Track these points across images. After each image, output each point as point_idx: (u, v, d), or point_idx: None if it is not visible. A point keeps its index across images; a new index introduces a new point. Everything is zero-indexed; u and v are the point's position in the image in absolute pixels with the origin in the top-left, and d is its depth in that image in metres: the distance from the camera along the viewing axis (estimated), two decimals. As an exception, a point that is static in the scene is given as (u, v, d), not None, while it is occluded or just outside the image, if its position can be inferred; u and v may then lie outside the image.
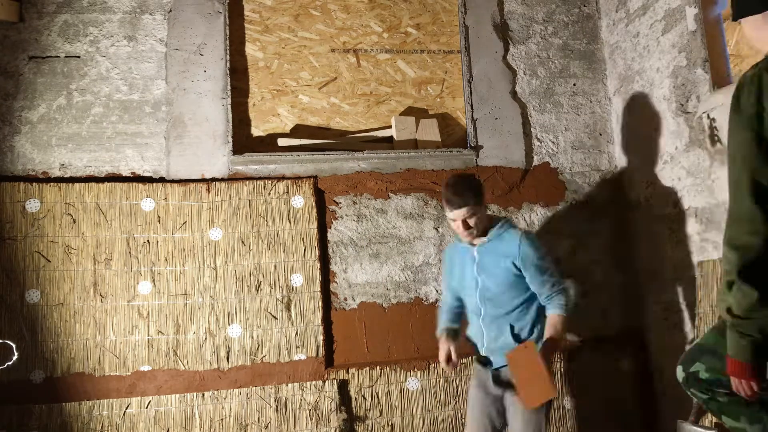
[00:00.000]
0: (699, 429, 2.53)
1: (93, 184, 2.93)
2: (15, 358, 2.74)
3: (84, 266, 2.87)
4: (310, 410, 2.93)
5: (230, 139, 3.08)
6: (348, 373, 2.99)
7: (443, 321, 2.67)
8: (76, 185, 2.91)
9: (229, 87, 3.12)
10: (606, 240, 3.36)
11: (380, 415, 2.99)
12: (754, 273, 1.40)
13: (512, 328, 2.47)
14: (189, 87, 3.09)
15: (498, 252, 2.48)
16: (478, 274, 2.51)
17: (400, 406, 3.02)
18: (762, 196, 1.39)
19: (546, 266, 2.47)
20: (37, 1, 3.01)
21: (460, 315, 2.68)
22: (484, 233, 2.50)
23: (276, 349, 2.98)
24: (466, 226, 2.44)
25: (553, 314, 2.43)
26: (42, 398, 2.75)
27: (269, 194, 3.06)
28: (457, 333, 2.60)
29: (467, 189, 2.43)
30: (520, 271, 2.46)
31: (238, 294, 2.97)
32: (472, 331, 2.60)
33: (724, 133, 2.63)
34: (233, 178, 3.07)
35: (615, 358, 3.23)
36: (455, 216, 2.44)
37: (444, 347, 2.51)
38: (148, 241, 2.94)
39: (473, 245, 2.53)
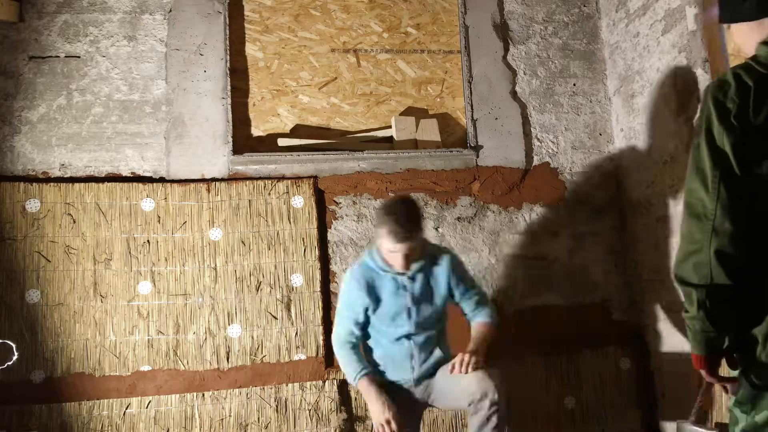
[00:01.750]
0: (699, 429, 2.53)
1: (93, 184, 2.93)
2: (15, 358, 2.74)
3: (84, 266, 2.87)
4: (310, 410, 2.93)
5: (230, 139, 3.08)
6: (348, 373, 2.99)
7: (362, 363, 2.39)
8: (76, 185, 2.91)
9: (229, 87, 3.12)
10: (606, 240, 3.36)
11: (380, 415, 2.98)
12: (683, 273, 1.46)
13: (439, 346, 2.48)
14: (189, 87, 3.09)
15: (432, 276, 2.43)
16: (413, 304, 2.39)
17: (400, 406, 3.02)
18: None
19: (473, 280, 2.54)
20: (37, 1, 3.01)
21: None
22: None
23: (276, 349, 2.98)
24: (408, 258, 2.32)
25: (482, 322, 2.47)
26: (42, 398, 2.75)
27: (269, 194, 3.06)
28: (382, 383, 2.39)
29: (414, 218, 2.31)
30: (451, 291, 2.46)
31: (238, 294, 2.97)
32: (392, 358, 2.44)
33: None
34: (233, 178, 3.07)
35: (615, 358, 3.23)
36: (399, 249, 2.27)
37: (386, 409, 2.25)
38: (148, 241, 2.94)
39: (400, 273, 2.38)
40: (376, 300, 2.40)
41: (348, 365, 2.41)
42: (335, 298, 3.07)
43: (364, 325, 2.46)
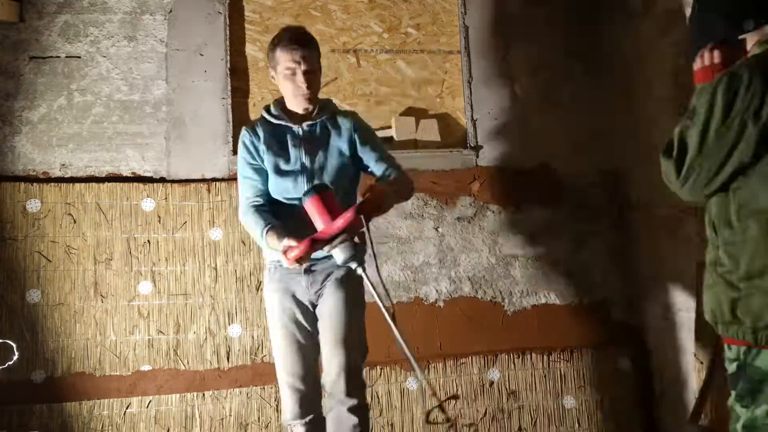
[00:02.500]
0: (699, 429, 2.53)
1: (93, 184, 2.93)
2: (15, 358, 2.74)
3: (84, 266, 2.87)
4: (310, 410, 2.93)
5: (231, 140, 3.08)
6: (348, 372, 2.99)
7: (267, 217, 2.13)
8: (77, 185, 2.92)
9: (229, 87, 3.12)
10: (606, 240, 3.36)
11: (380, 415, 2.99)
12: None
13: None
14: (189, 87, 3.10)
15: (329, 130, 2.23)
16: (306, 156, 2.18)
17: (400, 406, 3.02)
18: None
19: (381, 145, 2.34)
20: (37, 1, 3.01)
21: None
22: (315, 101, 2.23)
23: (276, 349, 2.97)
24: (309, 78, 2.12)
25: (395, 177, 2.22)
26: (42, 398, 2.75)
27: (269, 194, 3.06)
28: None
29: (310, 35, 2.19)
30: (353, 156, 2.25)
31: (239, 294, 2.98)
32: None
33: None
34: (234, 178, 3.06)
35: (615, 358, 3.24)
36: (299, 58, 2.09)
37: (285, 239, 1.97)
38: (148, 241, 2.94)
39: (293, 121, 2.20)
40: (266, 153, 2.21)
41: (254, 225, 2.13)
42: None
43: (267, 188, 2.23)
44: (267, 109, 2.30)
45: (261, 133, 2.24)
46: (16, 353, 2.74)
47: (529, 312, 3.23)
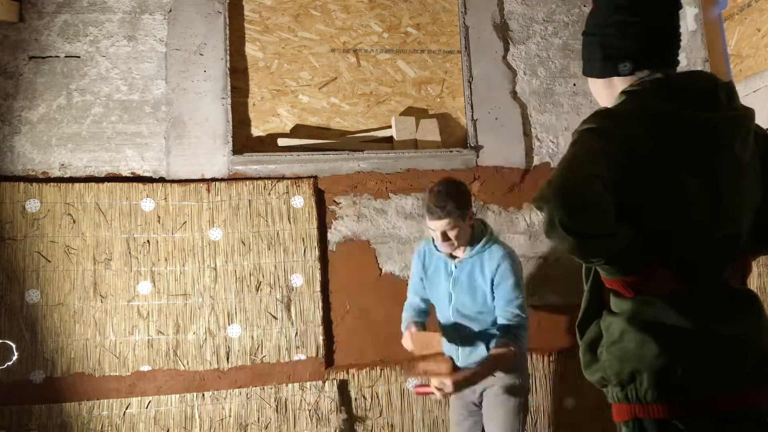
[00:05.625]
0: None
1: (93, 184, 2.93)
2: (15, 358, 2.74)
3: (84, 266, 2.87)
4: (310, 410, 2.93)
5: (230, 139, 3.08)
6: (348, 373, 2.99)
7: (408, 317, 2.57)
8: (76, 185, 2.91)
9: (229, 87, 3.12)
10: (606, 240, 3.36)
11: (380, 415, 2.99)
12: None
13: (484, 343, 2.41)
14: (189, 87, 3.09)
15: (477, 269, 2.38)
16: (452, 290, 2.42)
17: (400, 406, 3.02)
18: None
19: (517, 291, 2.35)
20: (37, 1, 3.00)
21: (426, 313, 2.59)
22: (466, 245, 2.39)
23: (276, 349, 2.98)
24: (446, 238, 2.32)
25: (504, 342, 2.27)
26: (42, 398, 2.75)
27: (269, 194, 3.06)
28: (424, 326, 2.53)
29: (451, 198, 2.28)
30: (492, 291, 2.37)
31: (238, 294, 2.97)
32: (445, 346, 2.43)
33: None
34: (233, 178, 3.07)
35: (615, 358, 3.23)
36: (434, 227, 2.31)
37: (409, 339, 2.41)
38: (148, 241, 2.94)
39: (451, 257, 2.43)
40: (426, 272, 2.54)
41: (402, 322, 2.56)
42: (335, 298, 3.08)
43: (427, 299, 2.59)
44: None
45: (429, 254, 2.53)
46: (16, 353, 2.74)
47: (530, 312, 3.22)
